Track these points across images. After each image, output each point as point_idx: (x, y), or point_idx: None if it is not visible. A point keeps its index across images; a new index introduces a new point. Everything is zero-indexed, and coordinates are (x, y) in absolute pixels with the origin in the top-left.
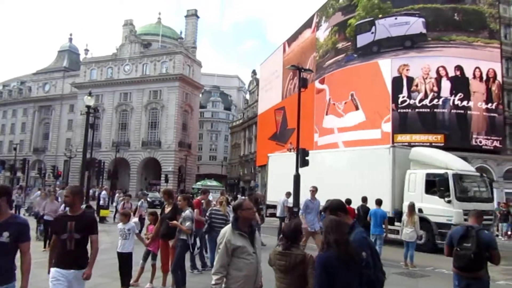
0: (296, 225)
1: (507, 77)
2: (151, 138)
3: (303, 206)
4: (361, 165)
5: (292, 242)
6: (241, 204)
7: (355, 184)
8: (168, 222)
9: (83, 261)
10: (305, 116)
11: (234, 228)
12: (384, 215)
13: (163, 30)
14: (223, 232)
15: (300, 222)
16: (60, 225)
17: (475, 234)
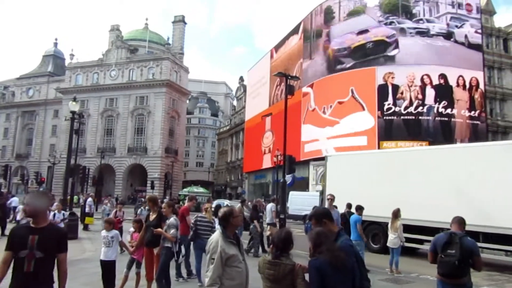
0: (286, 234)
1: (489, 86)
2: (137, 144)
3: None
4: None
5: (282, 251)
6: (233, 211)
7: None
8: (153, 230)
9: (45, 287)
10: (292, 123)
11: (225, 236)
12: (357, 219)
13: (150, 35)
14: (215, 241)
15: (290, 231)
16: (18, 239)
17: (458, 241)
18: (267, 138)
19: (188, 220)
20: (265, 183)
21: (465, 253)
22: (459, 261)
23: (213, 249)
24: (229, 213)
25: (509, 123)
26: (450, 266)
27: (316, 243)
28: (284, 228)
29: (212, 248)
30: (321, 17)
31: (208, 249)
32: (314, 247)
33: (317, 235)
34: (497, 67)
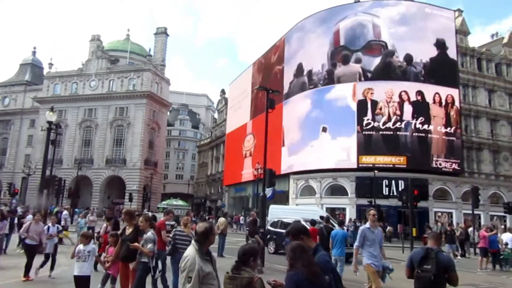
0: (249, 248)
1: (464, 103)
2: (116, 155)
3: (360, 236)
4: None
5: (243, 264)
6: (213, 228)
7: None
8: (129, 244)
9: None
10: (273, 136)
11: (201, 253)
12: (345, 235)
13: (132, 46)
14: (191, 258)
15: (254, 245)
16: None
17: (434, 256)
18: (248, 141)
19: (163, 235)
20: (245, 196)
21: (441, 268)
22: (435, 276)
23: (190, 266)
24: (210, 229)
25: (482, 140)
26: (426, 281)
27: (292, 257)
28: (248, 243)
29: (189, 265)
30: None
31: (183, 266)
32: (291, 261)
33: (293, 249)
34: (471, 85)
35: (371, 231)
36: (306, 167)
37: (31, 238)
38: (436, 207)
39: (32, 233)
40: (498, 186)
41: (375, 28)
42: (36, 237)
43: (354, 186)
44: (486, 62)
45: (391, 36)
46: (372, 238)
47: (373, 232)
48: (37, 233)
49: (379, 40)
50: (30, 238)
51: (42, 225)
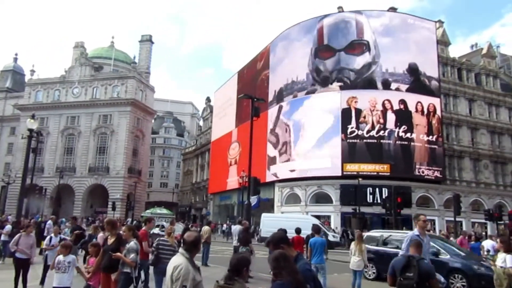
0: (241, 258)
1: (446, 112)
2: (99, 163)
3: (406, 242)
4: None
5: (235, 274)
6: (201, 237)
7: None
8: (111, 254)
9: None
10: (258, 144)
11: (192, 262)
12: (324, 243)
13: (116, 54)
14: (185, 267)
15: (244, 255)
16: None
17: (416, 264)
18: (233, 149)
19: (144, 246)
20: (230, 204)
21: (423, 275)
22: (417, 283)
23: (184, 276)
24: (199, 238)
25: (464, 148)
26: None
27: (276, 266)
28: (239, 253)
29: (183, 274)
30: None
31: (177, 275)
32: (275, 270)
33: (276, 258)
34: (452, 95)
35: (421, 239)
36: (291, 175)
37: (21, 252)
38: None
39: (23, 246)
40: (479, 194)
41: (358, 25)
42: (27, 251)
43: (338, 194)
44: (466, 72)
45: (374, 45)
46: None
47: (422, 240)
48: (28, 246)
49: (361, 39)
50: (20, 252)
51: (34, 238)
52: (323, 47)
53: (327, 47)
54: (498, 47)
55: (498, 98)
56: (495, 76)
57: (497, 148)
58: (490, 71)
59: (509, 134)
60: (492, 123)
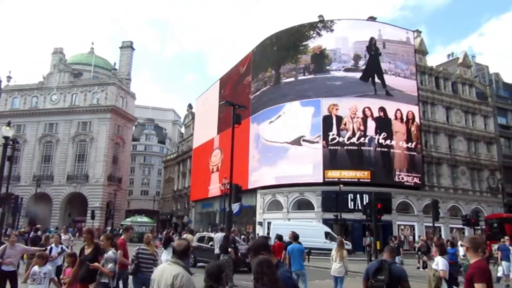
0: (219, 265)
1: (424, 119)
2: (78, 171)
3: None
4: None
5: (215, 282)
6: (190, 245)
7: None
8: (88, 264)
9: None
10: (240, 151)
11: (188, 269)
12: (302, 249)
13: (96, 60)
14: (185, 274)
15: (221, 263)
16: None
17: (388, 267)
18: (215, 156)
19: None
20: (212, 211)
21: (394, 278)
22: (388, 285)
23: (186, 283)
24: (188, 246)
25: (442, 155)
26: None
27: (258, 271)
28: (216, 261)
29: (186, 281)
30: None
31: (179, 284)
32: (257, 275)
33: (259, 263)
34: (430, 103)
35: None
36: (273, 182)
37: (8, 264)
38: (399, 220)
39: (9, 257)
40: (457, 200)
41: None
42: (15, 262)
43: (320, 200)
44: (443, 81)
45: (354, 53)
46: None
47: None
48: (15, 257)
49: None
50: (6, 264)
51: (21, 247)
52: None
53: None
54: (474, 56)
55: (474, 106)
56: (471, 84)
57: (474, 155)
58: (466, 80)
59: (484, 141)
60: (469, 131)
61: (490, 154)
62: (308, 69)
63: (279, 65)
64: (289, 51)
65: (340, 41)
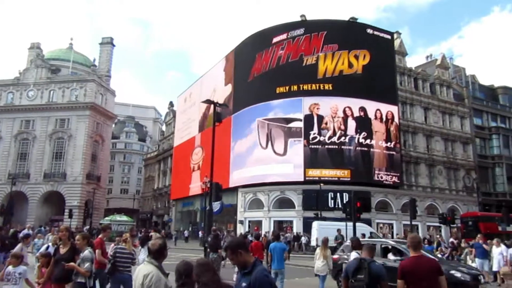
0: (187, 263)
1: (403, 119)
2: (55, 169)
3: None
4: None
5: (185, 279)
6: (166, 243)
7: None
8: (64, 264)
9: None
10: (221, 149)
11: (161, 269)
12: (283, 248)
13: (75, 56)
14: (156, 275)
15: (189, 262)
16: None
17: (367, 266)
18: (196, 154)
19: (97, 255)
20: (193, 210)
21: (373, 277)
22: (367, 285)
23: (156, 283)
24: (164, 245)
25: (420, 154)
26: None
27: (197, 274)
28: (183, 260)
29: (155, 281)
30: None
31: (148, 283)
32: (196, 278)
33: (198, 266)
34: (409, 103)
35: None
36: (254, 180)
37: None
38: (378, 218)
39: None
40: (434, 198)
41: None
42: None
43: (301, 199)
44: (422, 82)
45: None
46: None
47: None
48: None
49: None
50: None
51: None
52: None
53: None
54: (452, 58)
55: (451, 107)
56: (448, 86)
57: (450, 155)
58: (444, 81)
59: (461, 141)
60: (446, 131)
61: (466, 154)
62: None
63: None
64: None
65: None
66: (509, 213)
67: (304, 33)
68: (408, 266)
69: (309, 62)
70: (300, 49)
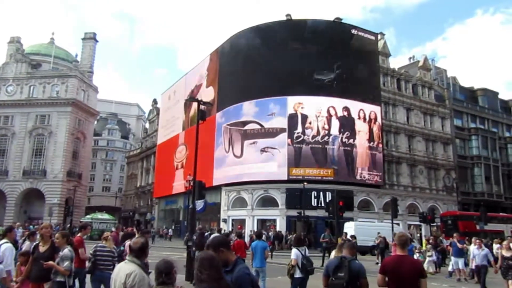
0: (166, 263)
1: (385, 120)
2: (35, 166)
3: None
4: None
5: (165, 278)
6: (148, 242)
7: None
8: (42, 263)
9: None
10: (205, 148)
11: (144, 268)
12: (265, 247)
13: (56, 51)
14: (139, 273)
15: (169, 260)
16: None
17: (347, 264)
18: (180, 152)
19: (80, 253)
20: (176, 208)
21: (353, 275)
22: (347, 282)
23: (140, 282)
24: (146, 244)
25: (401, 154)
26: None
27: (198, 270)
28: (164, 258)
29: (139, 281)
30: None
31: (132, 282)
32: (198, 272)
33: (199, 261)
34: (391, 104)
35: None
36: (238, 179)
37: None
38: (361, 217)
39: None
40: (415, 197)
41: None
42: None
43: (284, 197)
44: (405, 83)
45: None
46: None
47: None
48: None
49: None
50: None
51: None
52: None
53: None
54: (433, 60)
55: (432, 108)
56: (430, 87)
57: (431, 155)
58: (426, 83)
59: (441, 141)
60: (427, 131)
61: (446, 154)
62: None
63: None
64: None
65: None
66: (486, 212)
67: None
68: (391, 263)
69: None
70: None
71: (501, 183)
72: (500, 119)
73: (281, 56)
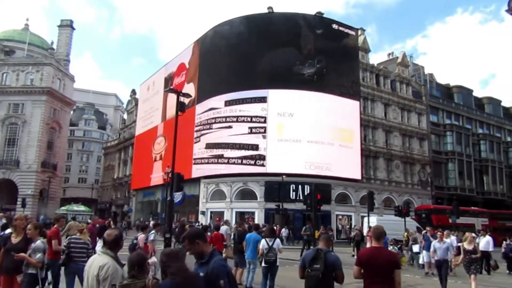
0: (138, 256)
1: (364, 114)
2: (8, 156)
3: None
4: None
5: (136, 270)
6: (122, 234)
7: None
8: (14, 255)
9: None
10: (184, 140)
11: (118, 260)
12: (258, 239)
13: (31, 38)
14: (112, 266)
15: (141, 252)
16: None
17: (323, 256)
18: (158, 144)
19: (54, 244)
20: (154, 200)
21: (329, 267)
22: (323, 274)
23: (113, 274)
24: (120, 236)
25: (379, 149)
26: (315, 280)
27: (165, 264)
28: (136, 251)
29: (111, 273)
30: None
31: (105, 275)
32: (163, 267)
33: (165, 256)
34: (370, 99)
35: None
36: (217, 171)
37: None
38: (338, 210)
39: None
40: (391, 191)
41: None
42: None
43: (263, 190)
44: (383, 78)
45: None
46: None
47: None
48: None
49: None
50: None
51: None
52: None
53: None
54: (412, 57)
55: (409, 104)
56: (408, 83)
57: (407, 150)
58: (404, 79)
59: (417, 137)
60: (404, 127)
61: (422, 150)
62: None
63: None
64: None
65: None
66: (459, 206)
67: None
68: (366, 255)
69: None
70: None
71: (473, 178)
72: (474, 116)
73: (261, 49)
